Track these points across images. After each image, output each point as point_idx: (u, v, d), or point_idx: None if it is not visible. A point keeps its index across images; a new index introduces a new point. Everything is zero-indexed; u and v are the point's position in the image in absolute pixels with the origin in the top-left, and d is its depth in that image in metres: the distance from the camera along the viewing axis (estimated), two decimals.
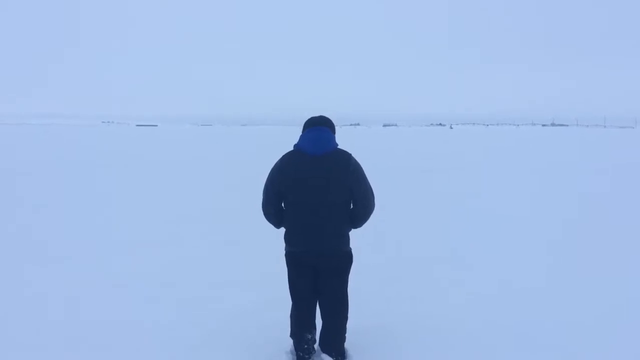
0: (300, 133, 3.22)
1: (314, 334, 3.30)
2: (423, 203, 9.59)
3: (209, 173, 15.53)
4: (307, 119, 3.26)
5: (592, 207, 9.12)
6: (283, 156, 3.17)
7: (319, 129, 3.13)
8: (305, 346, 3.23)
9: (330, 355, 3.25)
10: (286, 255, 3.27)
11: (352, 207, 3.17)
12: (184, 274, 5.11)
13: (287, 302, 3.43)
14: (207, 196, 10.57)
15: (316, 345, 3.31)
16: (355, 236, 3.39)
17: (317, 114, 3.32)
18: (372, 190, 3.18)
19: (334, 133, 3.23)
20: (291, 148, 3.18)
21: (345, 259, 3.22)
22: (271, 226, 3.29)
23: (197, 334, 3.68)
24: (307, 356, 3.23)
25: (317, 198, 3.03)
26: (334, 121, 3.29)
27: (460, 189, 11.52)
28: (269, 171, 3.20)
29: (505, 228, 7.24)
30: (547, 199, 10.02)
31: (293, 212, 3.13)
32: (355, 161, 3.12)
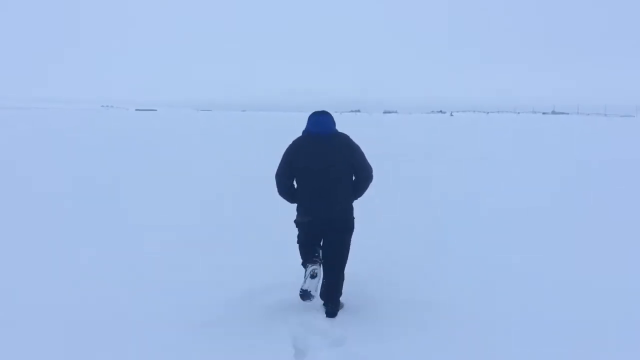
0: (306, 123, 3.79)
1: (320, 252, 3.83)
2: (425, 193, 9.71)
3: (208, 159, 15.58)
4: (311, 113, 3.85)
5: (592, 200, 9.21)
6: (294, 140, 3.78)
7: (322, 114, 3.78)
8: (314, 258, 3.74)
9: (327, 304, 3.81)
10: (297, 223, 3.84)
11: (354, 179, 3.78)
12: (188, 257, 5.25)
13: (286, 287, 3.97)
14: (209, 181, 10.63)
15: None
16: (356, 224, 3.81)
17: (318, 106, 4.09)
18: (370, 165, 3.81)
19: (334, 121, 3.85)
20: (288, 132, 3.67)
21: (348, 224, 3.79)
22: (272, 211, 3.53)
23: (202, 316, 3.81)
24: (317, 266, 3.69)
25: (326, 173, 3.60)
26: (333, 107, 3.90)
27: (461, 181, 11.58)
28: (275, 157, 3.75)
29: (505, 219, 7.33)
30: (548, 191, 10.11)
31: (305, 187, 3.69)
32: (354, 141, 3.79)
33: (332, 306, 3.80)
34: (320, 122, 3.72)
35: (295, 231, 3.99)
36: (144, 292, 4.30)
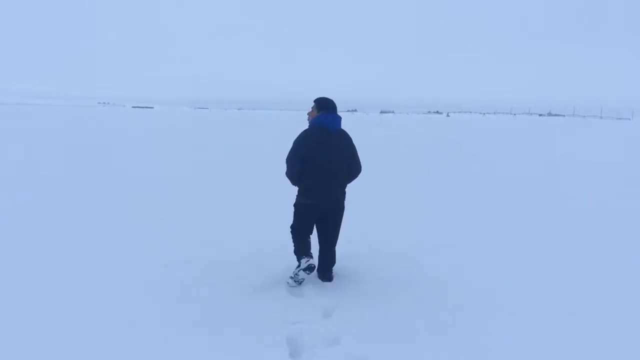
0: (312, 109, 4.46)
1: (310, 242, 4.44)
2: (434, 195, 9.68)
3: (204, 156, 15.53)
4: (324, 99, 4.45)
5: (590, 201, 9.25)
6: (307, 130, 4.35)
7: (335, 114, 4.42)
8: (310, 251, 4.34)
9: (324, 273, 4.48)
10: (298, 205, 4.39)
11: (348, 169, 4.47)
12: (185, 254, 5.22)
13: (282, 286, 4.10)
14: (206, 179, 10.60)
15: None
16: (354, 223, 4.01)
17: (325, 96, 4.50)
18: (360, 160, 4.56)
19: None
20: (283, 132, 3.97)
21: (342, 207, 4.50)
22: (266, 209, 3.56)
23: (196, 313, 3.81)
24: (313, 261, 4.27)
25: (330, 161, 4.26)
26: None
27: (459, 181, 11.57)
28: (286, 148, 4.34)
29: (512, 224, 7.34)
30: (542, 192, 10.11)
31: (311, 172, 4.26)
32: (352, 139, 4.51)
33: (329, 273, 4.50)
34: (335, 120, 4.36)
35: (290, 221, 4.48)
36: (141, 289, 4.28)
